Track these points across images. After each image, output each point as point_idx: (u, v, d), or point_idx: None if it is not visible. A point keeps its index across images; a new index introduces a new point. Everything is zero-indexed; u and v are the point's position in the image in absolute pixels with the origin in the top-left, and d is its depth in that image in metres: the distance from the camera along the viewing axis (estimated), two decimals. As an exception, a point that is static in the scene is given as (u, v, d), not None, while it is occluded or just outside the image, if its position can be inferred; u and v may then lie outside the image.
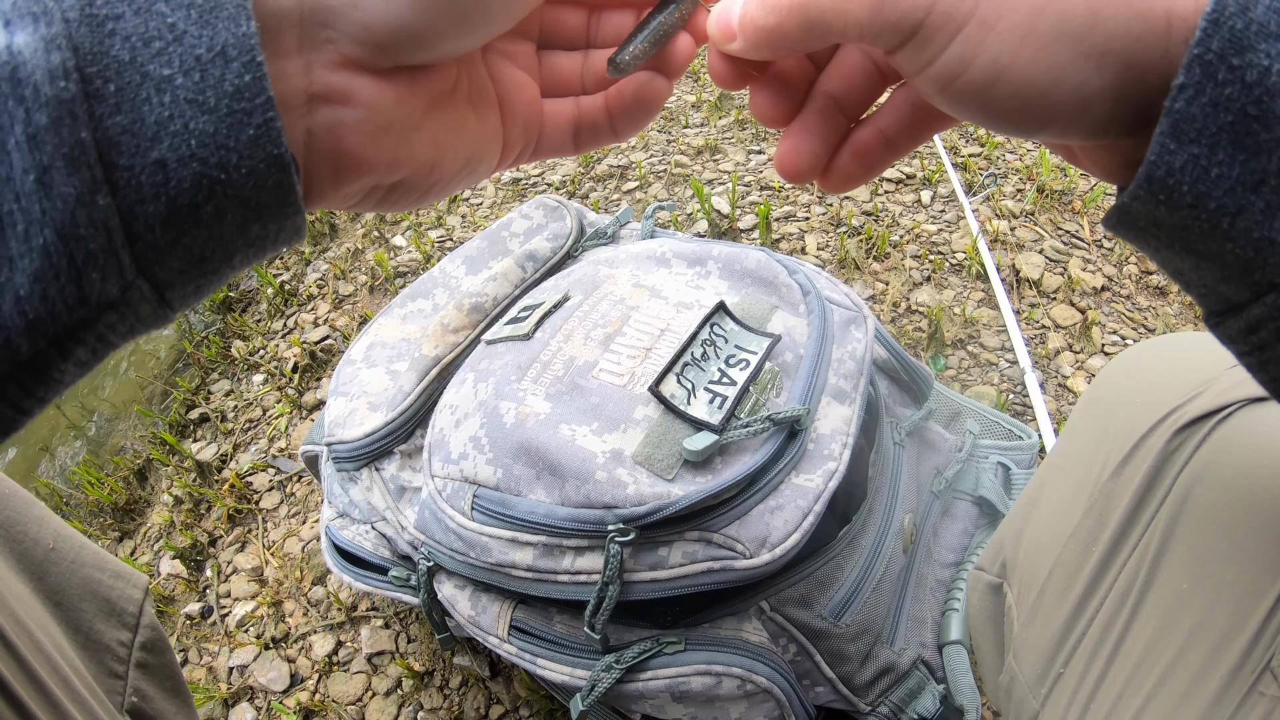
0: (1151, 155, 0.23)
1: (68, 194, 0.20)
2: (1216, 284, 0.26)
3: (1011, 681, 0.53)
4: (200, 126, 0.21)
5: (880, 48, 0.27)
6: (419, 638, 0.93)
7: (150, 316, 0.23)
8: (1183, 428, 0.46)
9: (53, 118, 0.19)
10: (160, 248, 0.22)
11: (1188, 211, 0.24)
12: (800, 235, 1.32)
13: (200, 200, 0.21)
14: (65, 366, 0.22)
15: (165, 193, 0.21)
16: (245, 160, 0.22)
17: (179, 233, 0.22)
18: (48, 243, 0.20)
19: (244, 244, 0.24)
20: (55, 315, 0.21)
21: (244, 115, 0.21)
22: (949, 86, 0.26)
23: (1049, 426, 0.98)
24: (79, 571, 0.50)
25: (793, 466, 0.59)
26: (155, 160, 0.20)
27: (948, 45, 0.25)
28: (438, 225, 1.52)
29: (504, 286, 0.80)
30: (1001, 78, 0.24)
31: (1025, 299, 1.18)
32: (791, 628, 0.63)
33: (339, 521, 0.77)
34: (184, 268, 0.23)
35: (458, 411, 0.65)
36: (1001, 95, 0.25)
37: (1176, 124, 0.23)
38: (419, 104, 0.28)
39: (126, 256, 0.21)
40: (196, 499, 1.16)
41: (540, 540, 0.58)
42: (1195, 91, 0.22)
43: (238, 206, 0.22)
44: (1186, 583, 0.43)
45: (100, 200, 0.20)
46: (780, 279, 0.71)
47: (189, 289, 0.24)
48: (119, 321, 0.22)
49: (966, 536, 0.84)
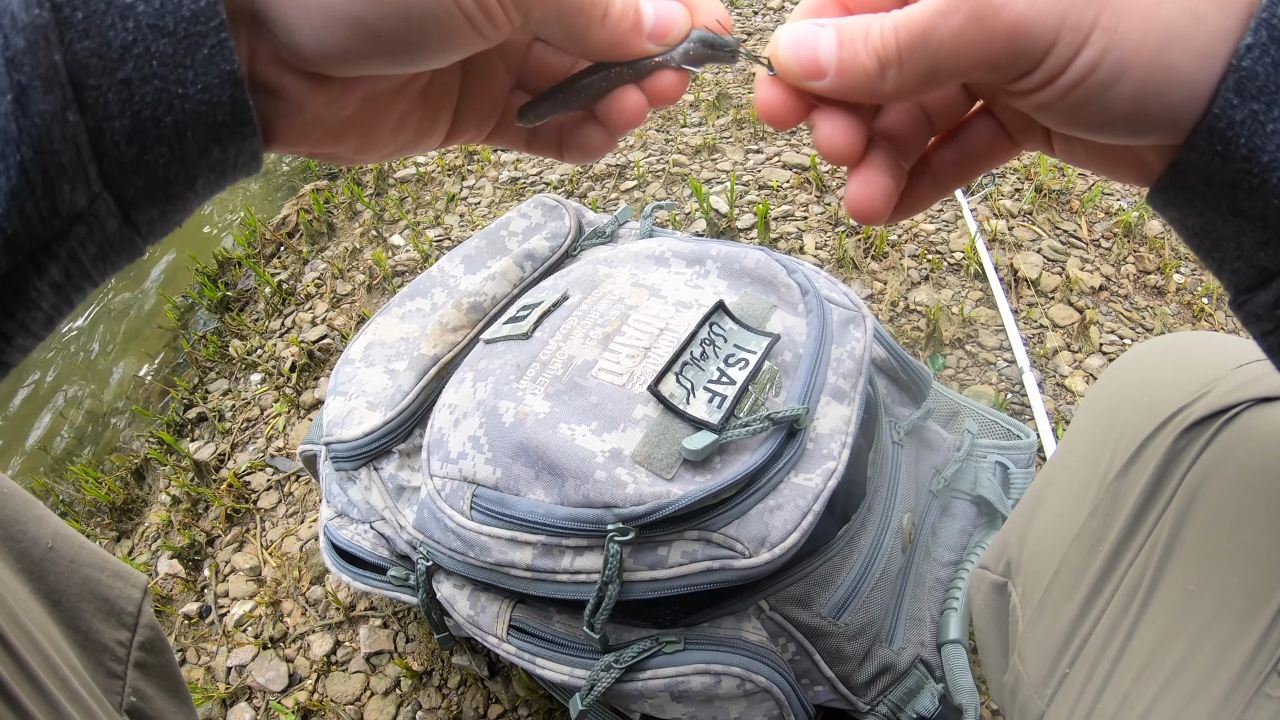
0: (1216, 109, 0.25)
1: (43, 111, 0.21)
2: (1255, 250, 0.27)
3: (1016, 681, 0.53)
4: (160, 48, 0.23)
5: (1004, 79, 0.27)
6: (417, 637, 0.93)
7: (117, 236, 0.24)
8: (1189, 428, 0.46)
9: (29, 41, 0.21)
10: (125, 163, 0.23)
11: (1241, 164, 0.25)
12: (798, 235, 1.32)
13: (160, 114, 0.23)
14: (42, 287, 0.24)
15: (130, 108, 0.23)
16: (201, 76, 0.23)
17: (142, 148, 0.23)
18: (24, 159, 0.21)
19: (205, 168, 0.25)
20: (30, 229, 0.22)
21: (199, 37, 0.23)
22: (1068, 95, 0.26)
23: (1047, 426, 0.98)
24: (78, 571, 0.50)
25: (792, 466, 0.59)
26: (121, 80, 0.22)
27: (1075, 57, 0.26)
28: (436, 224, 1.52)
29: (503, 285, 0.80)
30: (1123, 79, 0.25)
31: (1023, 298, 1.18)
32: (790, 627, 0.63)
33: (337, 521, 0.77)
34: (148, 187, 0.24)
35: (456, 411, 0.65)
36: (1121, 96, 0.26)
37: (1241, 80, 0.24)
38: (353, 102, 0.29)
39: (93, 170, 0.23)
40: (194, 499, 1.16)
41: (539, 540, 0.58)
42: (1261, 52, 0.24)
43: (197, 124, 0.24)
44: (1193, 583, 0.43)
45: (70, 117, 0.22)
46: (779, 278, 0.71)
47: (154, 212, 0.25)
48: (88, 237, 0.24)
49: (965, 536, 0.84)
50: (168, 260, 1.79)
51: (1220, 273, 0.30)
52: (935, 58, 0.27)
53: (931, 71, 0.28)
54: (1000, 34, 0.26)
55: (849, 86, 0.29)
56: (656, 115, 1.68)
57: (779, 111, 0.31)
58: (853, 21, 0.29)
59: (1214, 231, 0.28)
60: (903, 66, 0.28)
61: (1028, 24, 0.25)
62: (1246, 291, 0.29)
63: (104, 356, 1.61)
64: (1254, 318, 0.29)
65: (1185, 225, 0.30)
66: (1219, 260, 0.29)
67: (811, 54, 0.29)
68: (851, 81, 0.29)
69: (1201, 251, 0.30)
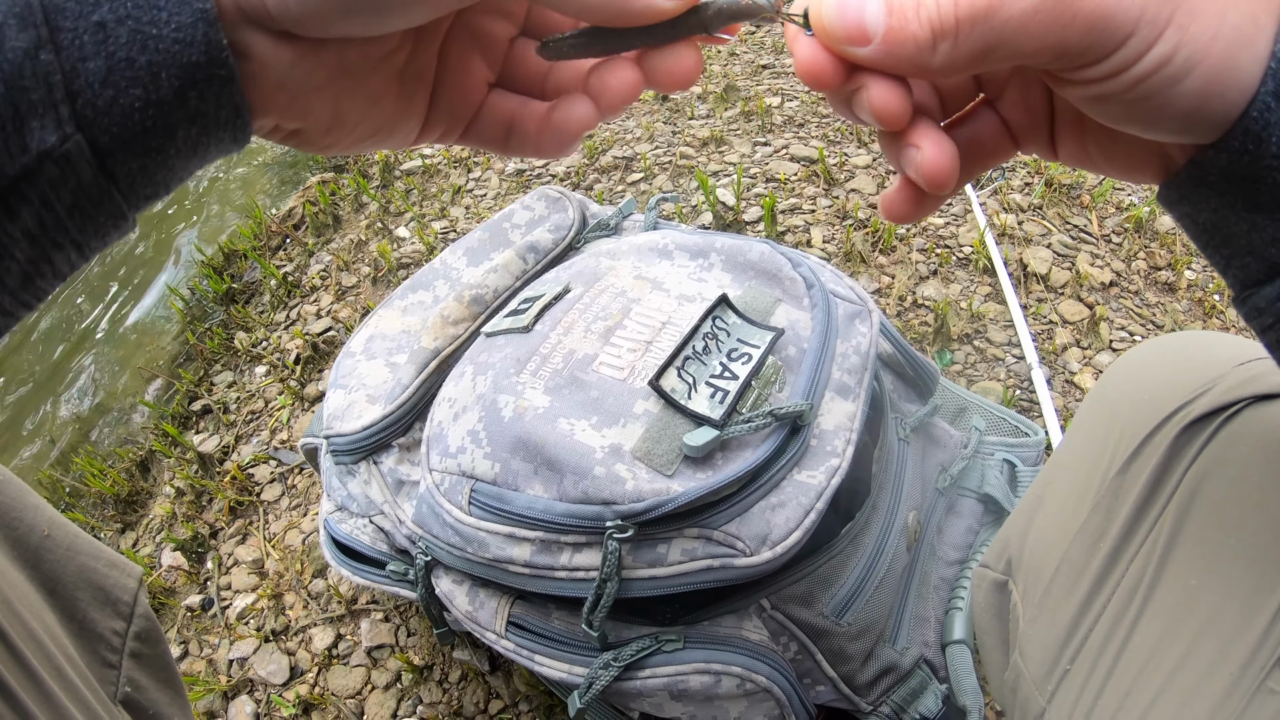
0: (1254, 111, 0.25)
1: (16, 48, 0.22)
2: (1266, 245, 0.28)
3: (1017, 679, 0.52)
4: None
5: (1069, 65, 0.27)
6: (419, 631, 0.93)
7: (93, 186, 0.24)
8: (1190, 424, 0.46)
9: None
10: (99, 105, 0.23)
11: (1269, 161, 0.26)
12: (806, 228, 1.31)
13: (135, 54, 0.23)
14: (13, 232, 0.24)
15: (104, 50, 0.23)
16: (174, 16, 0.23)
17: (116, 90, 0.23)
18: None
19: (184, 118, 0.25)
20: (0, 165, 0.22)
21: None
22: (1135, 87, 0.26)
23: (1056, 423, 0.97)
24: (74, 559, 0.50)
25: (795, 463, 0.58)
26: (96, 21, 0.23)
27: (1148, 50, 0.26)
28: (441, 217, 1.51)
29: (505, 278, 0.80)
30: (1190, 75, 0.26)
31: (1033, 294, 1.17)
32: (792, 626, 0.63)
33: (337, 515, 0.77)
34: (124, 134, 0.24)
35: (456, 405, 0.65)
36: (1186, 92, 0.26)
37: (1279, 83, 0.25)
38: (322, 69, 0.28)
39: (65, 109, 0.23)
40: (198, 491, 1.15)
41: (538, 536, 0.57)
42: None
43: (170, 64, 0.24)
44: (1195, 579, 0.43)
45: (44, 56, 0.22)
46: (784, 272, 0.70)
47: (133, 164, 0.25)
48: (60, 182, 0.24)
49: (971, 534, 0.83)
50: (169, 264, 1.79)
51: (1228, 269, 0.30)
52: (999, 35, 0.26)
53: (989, 49, 0.26)
54: (1080, 19, 0.25)
55: (894, 56, 0.27)
56: (663, 107, 1.67)
57: (825, 71, 0.29)
58: None
59: (1226, 227, 0.29)
60: (958, 41, 0.26)
61: (1111, 10, 0.25)
62: (1252, 286, 0.29)
63: (111, 349, 1.62)
64: (1257, 311, 0.29)
65: (1196, 221, 0.30)
66: (1228, 256, 0.29)
67: (858, 17, 0.27)
68: (899, 51, 0.27)
69: (1210, 248, 0.30)
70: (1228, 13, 0.25)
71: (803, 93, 1.63)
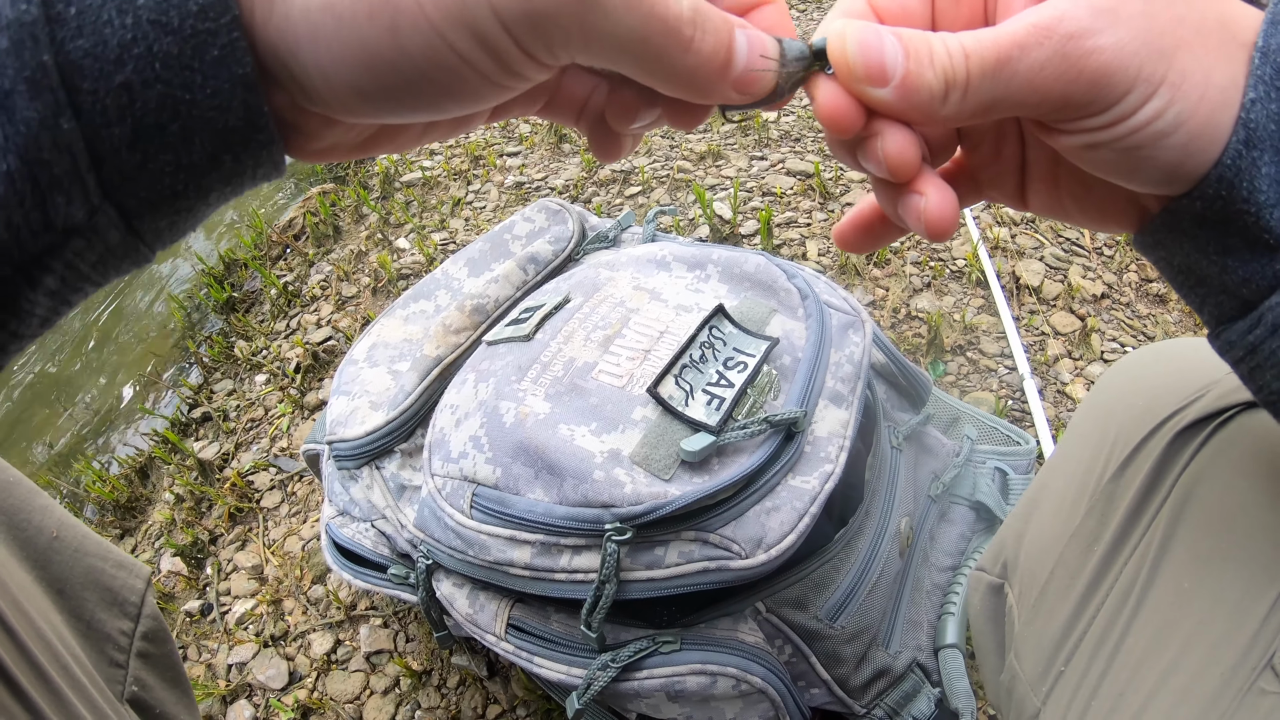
0: (1226, 159, 0.27)
1: (30, 118, 0.19)
2: (1238, 285, 0.29)
3: (1012, 680, 0.53)
4: (164, 48, 0.20)
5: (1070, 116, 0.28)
6: (417, 637, 0.94)
7: (120, 246, 0.23)
8: (1184, 430, 0.46)
9: (13, 41, 0.19)
10: (126, 172, 0.21)
11: (1240, 206, 0.27)
12: (801, 241, 1.32)
13: (165, 120, 0.21)
14: (35, 296, 0.22)
15: (130, 114, 0.21)
16: (210, 80, 0.21)
17: (145, 156, 0.21)
18: (11, 169, 0.20)
19: (218, 179, 0.23)
20: (20, 242, 0.21)
21: (208, 35, 0.21)
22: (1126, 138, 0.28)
23: (1047, 433, 0.99)
24: (82, 561, 0.50)
25: (789, 468, 0.59)
26: (120, 84, 0.20)
27: (1143, 105, 0.27)
28: (441, 228, 1.53)
29: (505, 288, 0.81)
30: (1178, 131, 0.27)
31: (1025, 306, 1.19)
32: (787, 629, 0.64)
33: (339, 519, 0.78)
34: (153, 197, 0.22)
35: (458, 411, 0.66)
36: (1173, 146, 0.27)
37: (1249, 133, 0.27)
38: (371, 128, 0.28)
39: (92, 180, 0.21)
40: (198, 497, 1.16)
41: (538, 539, 0.58)
42: (1262, 105, 0.27)
43: (205, 129, 0.22)
44: (1187, 581, 0.43)
45: (64, 124, 0.20)
46: (779, 283, 0.72)
47: (162, 223, 0.23)
48: (87, 249, 0.22)
49: (963, 541, 0.84)
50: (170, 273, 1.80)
51: (1202, 307, 0.32)
52: (1006, 89, 0.27)
53: (996, 101, 0.27)
54: (1086, 75, 0.26)
55: (908, 102, 0.27)
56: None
57: (849, 115, 0.28)
58: (913, 33, 0.28)
59: (1199, 269, 0.30)
60: (968, 93, 0.27)
61: (1114, 68, 0.26)
62: (1225, 322, 0.31)
63: (111, 356, 1.62)
64: (1229, 345, 0.31)
65: (1171, 264, 0.31)
66: (1202, 295, 0.31)
67: (880, 58, 0.27)
68: (913, 98, 0.27)
69: (1185, 288, 0.32)
70: (1213, 74, 0.27)
71: (800, 108, 1.65)
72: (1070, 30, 0.26)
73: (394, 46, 0.22)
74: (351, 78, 0.23)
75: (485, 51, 0.23)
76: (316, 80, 0.23)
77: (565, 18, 0.23)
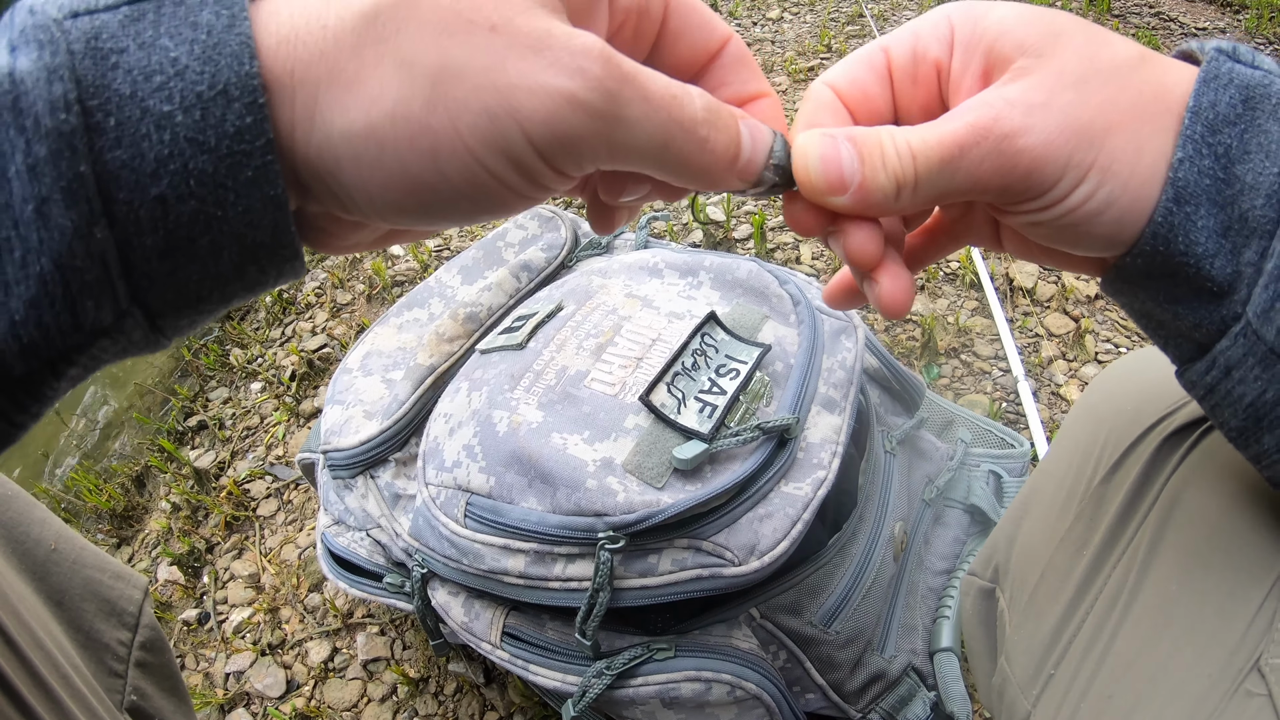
0: (1158, 217, 0.29)
1: (65, 226, 0.20)
2: (1190, 330, 0.31)
3: (1003, 683, 0.53)
4: (199, 166, 0.21)
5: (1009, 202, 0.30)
6: (414, 644, 0.94)
7: (142, 341, 0.23)
8: (1172, 435, 0.47)
9: (52, 150, 0.20)
10: (155, 279, 0.22)
11: (1179, 259, 0.29)
12: (795, 245, 1.33)
13: (197, 234, 0.22)
14: (58, 385, 0.23)
15: (163, 226, 0.21)
16: (242, 199, 0.22)
17: (174, 265, 0.22)
18: (44, 271, 0.20)
19: (242, 288, 0.24)
20: (49, 340, 0.21)
21: (243, 156, 0.21)
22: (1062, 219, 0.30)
23: (1042, 435, 0.99)
24: (80, 572, 0.51)
25: (782, 475, 0.59)
26: (155, 197, 0.21)
27: (1074, 189, 0.29)
28: (435, 235, 1.53)
29: (499, 296, 0.81)
30: (1110, 209, 0.29)
31: (1019, 308, 1.19)
32: (781, 635, 0.64)
33: (334, 528, 0.78)
34: (178, 302, 0.23)
35: (452, 420, 0.66)
36: (1106, 222, 0.30)
37: (1178, 190, 0.28)
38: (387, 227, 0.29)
39: (122, 287, 0.21)
40: (194, 506, 1.16)
41: (532, 547, 0.58)
42: (1190, 163, 0.28)
43: (233, 244, 0.22)
44: (1175, 585, 0.44)
45: (98, 234, 0.20)
46: (771, 289, 0.72)
47: (183, 322, 0.24)
48: (111, 345, 0.23)
49: (958, 544, 0.84)
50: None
51: (1166, 349, 0.34)
52: (950, 183, 0.29)
53: (943, 195, 0.30)
54: (1020, 169, 0.29)
55: (866, 203, 0.30)
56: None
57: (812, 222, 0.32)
58: (867, 135, 0.30)
59: (1156, 315, 0.33)
60: (917, 189, 0.30)
61: (1044, 160, 0.29)
62: (1187, 363, 0.33)
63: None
64: (1191, 384, 0.34)
65: (1133, 309, 0.34)
66: (1164, 338, 0.34)
67: (838, 170, 0.30)
68: (869, 199, 0.30)
69: (1149, 330, 0.34)
70: (1143, 153, 0.29)
71: (792, 112, 1.65)
72: (1004, 131, 0.28)
73: (434, 171, 0.23)
74: (393, 199, 0.24)
75: (518, 173, 0.24)
76: (358, 198, 0.24)
77: (593, 138, 0.24)
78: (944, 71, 0.33)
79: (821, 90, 0.34)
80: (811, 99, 0.34)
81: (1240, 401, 0.32)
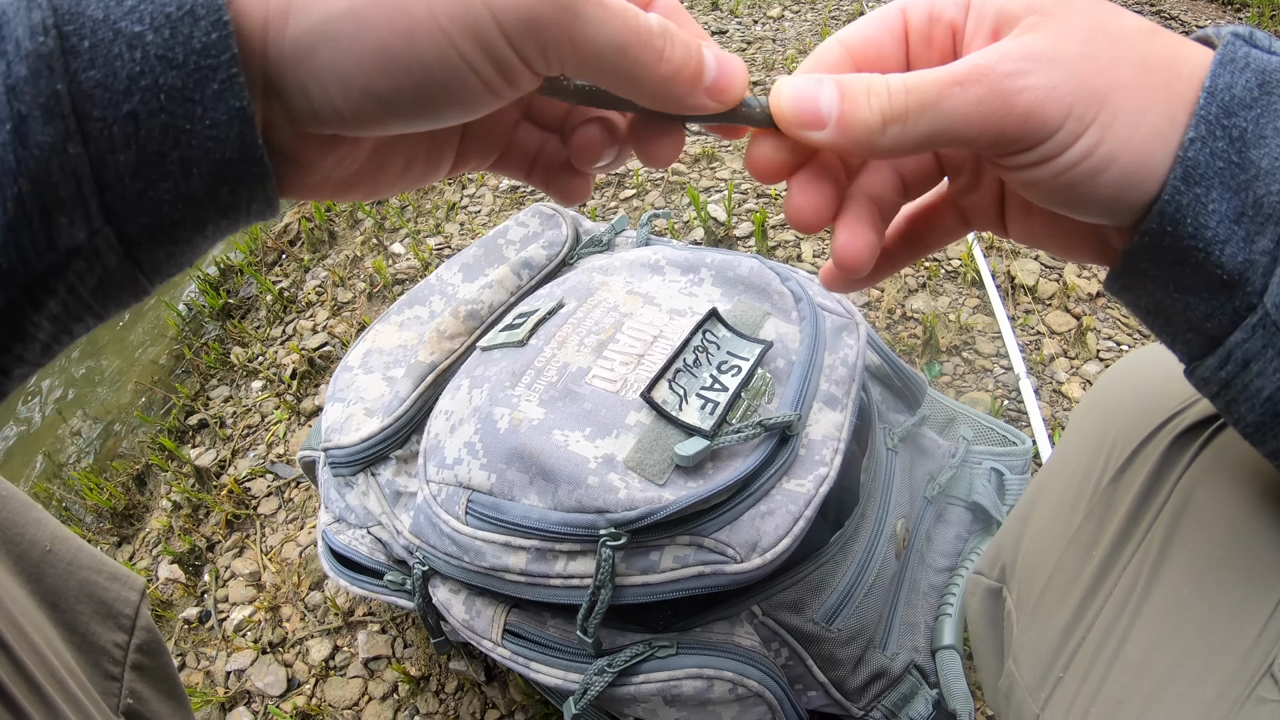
0: (1165, 195, 0.28)
1: (43, 143, 0.21)
2: (1202, 321, 0.31)
3: (1011, 685, 0.53)
4: (169, 81, 0.22)
5: (1004, 151, 0.30)
6: (415, 643, 0.94)
7: (118, 272, 0.24)
8: (1183, 433, 0.46)
9: (31, 69, 0.21)
10: (128, 198, 0.23)
11: (1188, 242, 0.29)
12: (796, 243, 1.32)
13: (167, 149, 0.22)
14: (39, 320, 0.23)
15: (135, 142, 0.22)
16: (209, 112, 0.23)
17: (146, 183, 0.23)
18: (22, 191, 0.21)
19: (215, 211, 0.24)
20: (27, 262, 0.22)
21: (209, 71, 0.22)
22: (1061, 175, 0.29)
23: (1043, 432, 0.99)
24: (75, 574, 0.50)
25: (784, 472, 0.59)
26: (127, 113, 0.22)
27: (1074, 143, 0.29)
28: (436, 233, 1.53)
29: (500, 294, 0.81)
30: (1110, 168, 0.29)
31: (1020, 305, 1.19)
32: (783, 632, 0.64)
33: (335, 526, 0.78)
34: (153, 226, 0.23)
35: (453, 417, 0.66)
36: (1107, 182, 0.29)
37: (1187, 169, 0.28)
38: (360, 158, 0.30)
39: (95, 204, 0.22)
40: (195, 504, 1.16)
41: (533, 545, 0.58)
42: (1202, 144, 0.28)
43: (203, 159, 0.23)
44: (1187, 587, 0.43)
45: (72, 149, 0.21)
46: (773, 286, 0.72)
47: (159, 253, 0.24)
48: (87, 271, 0.23)
49: (960, 542, 0.84)
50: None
51: (1174, 345, 0.34)
52: (944, 122, 0.29)
53: (934, 134, 0.29)
54: (1017, 111, 0.28)
55: (847, 138, 0.30)
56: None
57: (768, 167, 0.32)
58: (853, 77, 0.30)
59: (1165, 309, 0.32)
60: (906, 125, 0.29)
61: (1044, 106, 0.28)
62: (1197, 359, 0.33)
63: (107, 362, 1.62)
64: (1203, 381, 0.33)
65: (1139, 305, 0.33)
66: (1172, 334, 0.33)
67: (814, 105, 0.30)
68: (850, 134, 0.30)
69: (1156, 327, 0.34)
70: (1147, 113, 0.28)
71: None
72: (1006, 70, 0.28)
73: (410, 50, 0.24)
74: (366, 80, 0.25)
75: (488, 59, 0.26)
76: (330, 83, 0.25)
77: (554, 26, 0.25)
78: (959, 33, 0.33)
79: (831, 45, 0.34)
80: (817, 52, 0.34)
81: (1259, 395, 0.31)
